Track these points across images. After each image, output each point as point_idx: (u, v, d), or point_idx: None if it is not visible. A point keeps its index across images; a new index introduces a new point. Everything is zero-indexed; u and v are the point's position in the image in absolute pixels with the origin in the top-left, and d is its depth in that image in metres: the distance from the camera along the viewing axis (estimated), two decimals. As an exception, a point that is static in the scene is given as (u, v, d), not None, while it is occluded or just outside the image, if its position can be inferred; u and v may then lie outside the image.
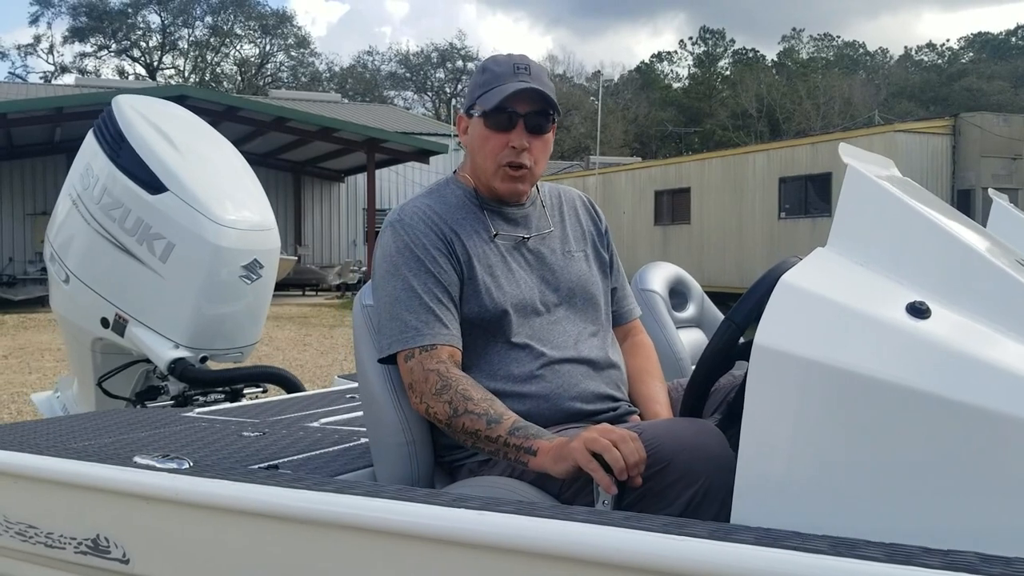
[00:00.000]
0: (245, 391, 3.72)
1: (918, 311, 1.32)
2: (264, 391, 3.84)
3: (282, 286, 20.70)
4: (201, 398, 3.59)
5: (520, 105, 1.87)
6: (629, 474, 1.50)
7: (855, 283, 1.39)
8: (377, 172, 22.50)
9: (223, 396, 3.63)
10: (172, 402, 3.61)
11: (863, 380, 1.28)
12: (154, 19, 53.33)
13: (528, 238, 1.96)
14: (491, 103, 1.86)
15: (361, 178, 24.40)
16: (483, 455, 1.83)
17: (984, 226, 3.04)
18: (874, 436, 1.28)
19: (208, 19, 53.87)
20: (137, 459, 1.91)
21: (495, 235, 1.92)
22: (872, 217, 1.46)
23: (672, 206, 22.36)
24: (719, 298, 4.06)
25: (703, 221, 21.27)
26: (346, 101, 41.29)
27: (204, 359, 3.52)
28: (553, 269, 1.95)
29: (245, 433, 2.46)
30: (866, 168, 1.52)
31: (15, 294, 18.45)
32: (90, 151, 3.62)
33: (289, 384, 3.61)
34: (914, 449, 1.25)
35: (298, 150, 23.02)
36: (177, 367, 3.41)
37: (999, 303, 1.35)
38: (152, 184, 3.42)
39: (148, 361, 3.61)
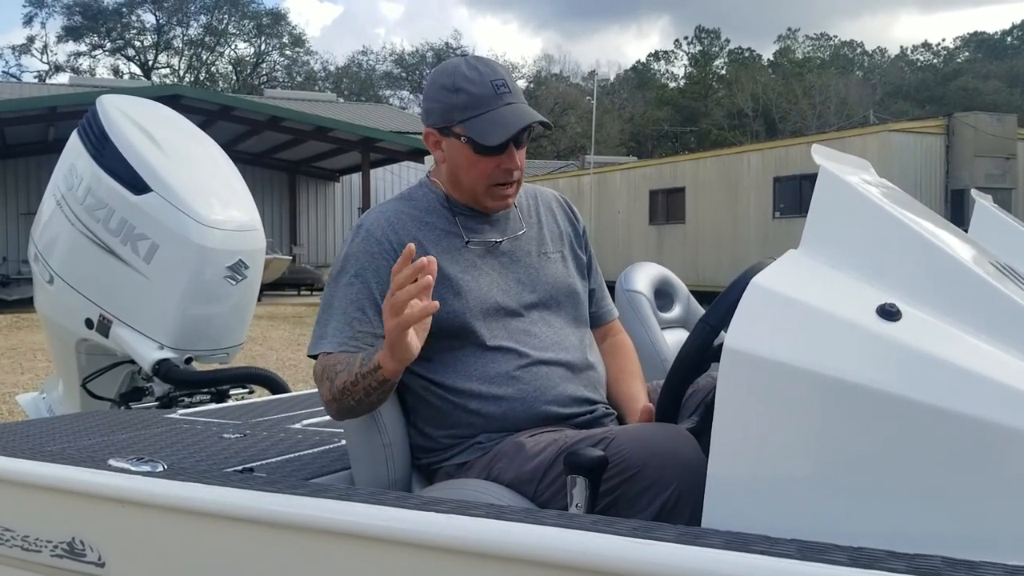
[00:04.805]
0: (231, 392, 3.70)
1: (889, 313, 1.31)
2: (251, 392, 3.82)
3: (277, 286, 20.66)
4: (187, 399, 3.58)
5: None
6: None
7: (826, 285, 1.38)
8: (372, 172, 22.49)
9: (209, 397, 3.61)
10: (157, 403, 3.60)
11: (832, 383, 1.27)
12: (149, 18, 53.32)
13: (500, 241, 1.94)
14: (489, 139, 1.80)
15: (356, 177, 24.37)
16: (459, 457, 1.83)
17: (967, 227, 3.03)
18: (843, 439, 1.27)
19: (203, 18, 53.83)
20: (111, 462, 1.90)
21: (467, 241, 1.90)
22: (844, 219, 1.45)
23: (667, 205, 22.36)
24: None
25: (698, 220, 21.28)
26: (341, 100, 41.23)
27: (189, 360, 3.50)
28: (529, 270, 1.94)
29: (225, 435, 2.45)
30: (839, 169, 1.51)
31: (8, 294, 18.40)
32: (74, 151, 3.61)
33: (274, 385, 3.59)
34: (883, 452, 1.24)
35: (293, 150, 23.00)
36: (161, 368, 3.40)
37: (970, 305, 1.34)
38: (136, 184, 3.40)
39: (133, 362, 3.59)
